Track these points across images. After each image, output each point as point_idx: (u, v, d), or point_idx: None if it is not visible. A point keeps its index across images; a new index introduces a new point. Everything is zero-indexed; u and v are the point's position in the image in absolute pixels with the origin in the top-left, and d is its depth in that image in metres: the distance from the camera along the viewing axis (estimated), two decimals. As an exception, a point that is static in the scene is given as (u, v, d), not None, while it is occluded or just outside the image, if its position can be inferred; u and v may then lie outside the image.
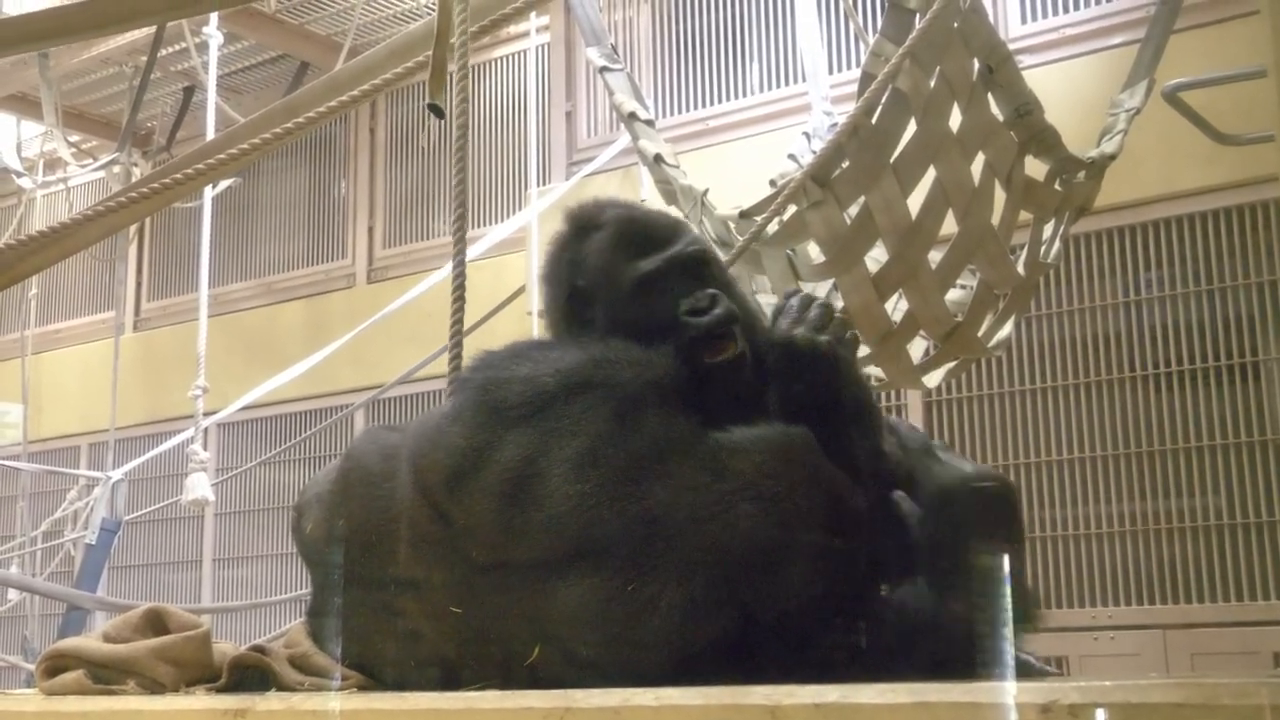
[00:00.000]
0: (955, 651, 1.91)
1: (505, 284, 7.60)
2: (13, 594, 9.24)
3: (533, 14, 7.77)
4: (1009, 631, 1.93)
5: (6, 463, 9.71)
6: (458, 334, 2.76)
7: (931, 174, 3.96)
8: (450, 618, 2.11)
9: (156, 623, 2.48)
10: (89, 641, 2.47)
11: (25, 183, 9.95)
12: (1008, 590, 1.97)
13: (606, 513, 1.93)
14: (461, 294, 2.84)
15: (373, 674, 2.28)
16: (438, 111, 2.67)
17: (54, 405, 10.64)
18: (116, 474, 8.15)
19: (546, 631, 1.98)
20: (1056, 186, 4.36)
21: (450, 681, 2.14)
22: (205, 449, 7.14)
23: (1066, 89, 6.26)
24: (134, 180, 6.81)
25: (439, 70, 2.61)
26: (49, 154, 10.55)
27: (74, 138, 10.48)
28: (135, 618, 2.49)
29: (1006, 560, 2.01)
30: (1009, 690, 1.47)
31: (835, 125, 4.94)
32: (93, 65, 9.76)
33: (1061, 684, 1.45)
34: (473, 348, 2.34)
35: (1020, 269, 4.33)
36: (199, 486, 6.90)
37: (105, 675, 2.35)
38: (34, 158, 10.61)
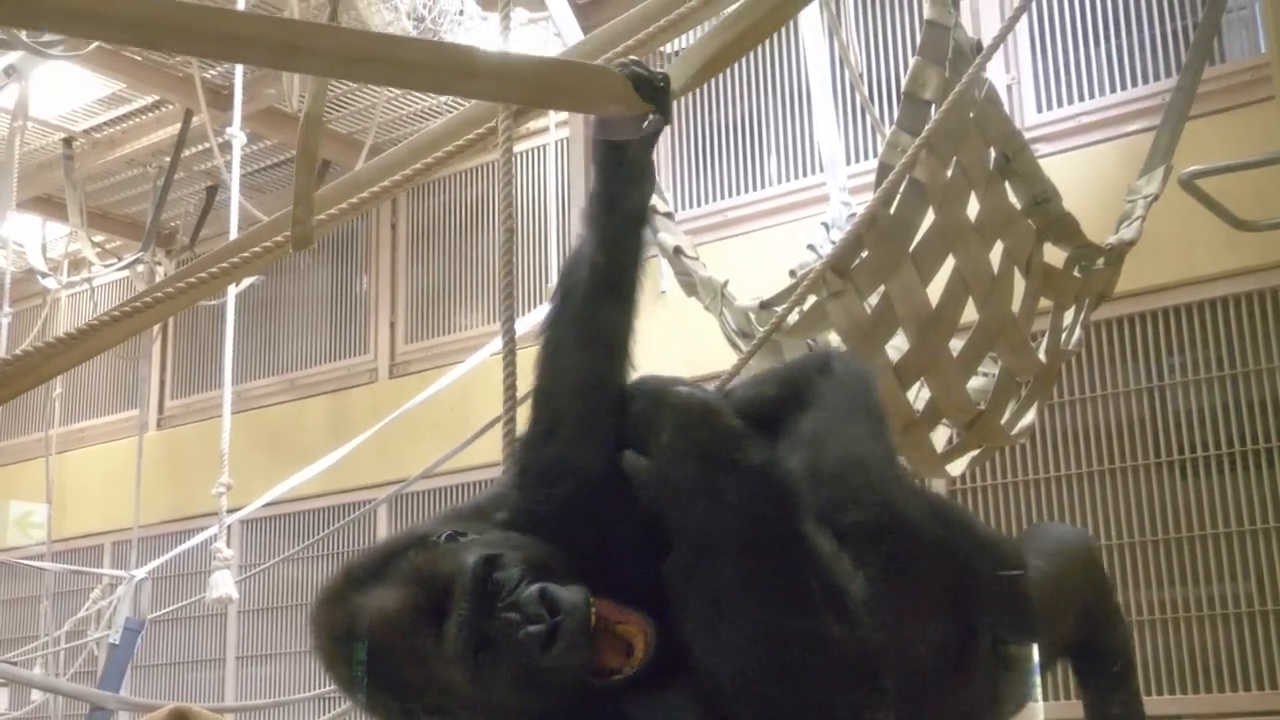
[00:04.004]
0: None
1: (526, 377, 7.61)
2: (36, 695, 9.20)
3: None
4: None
5: (30, 563, 9.69)
6: (511, 404, 2.78)
7: (951, 263, 3.97)
8: None
9: (180, 722, 2.47)
10: (112, 742, 2.47)
11: (50, 283, 10.01)
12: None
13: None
14: (513, 371, 2.87)
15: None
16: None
17: (78, 504, 10.65)
18: (140, 573, 8.14)
19: None
20: (1076, 273, 4.36)
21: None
22: (229, 546, 7.11)
23: (1083, 176, 6.28)
24: (158, 279, 6.85)
25: (303, 199, 2.29)
26: (74, 254, 10.64)
27: (98, 238, 10.57)
28: (160, 717, 2.48)
29: None
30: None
31: (854, 215, 4.95)
32: (117, 166, 9.88)
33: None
34: (495, 440, 2.35)
35: (1042, 356, 4.33)
36: (223, 584, 6.86)
37: (129, 776, 2.34)
38: (59, 258, 10.70)
